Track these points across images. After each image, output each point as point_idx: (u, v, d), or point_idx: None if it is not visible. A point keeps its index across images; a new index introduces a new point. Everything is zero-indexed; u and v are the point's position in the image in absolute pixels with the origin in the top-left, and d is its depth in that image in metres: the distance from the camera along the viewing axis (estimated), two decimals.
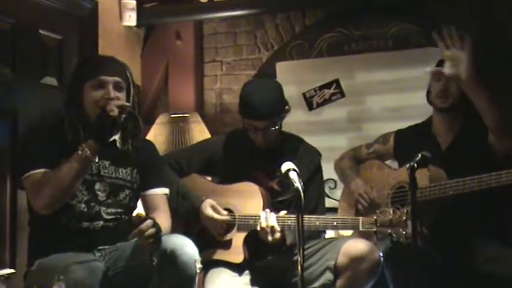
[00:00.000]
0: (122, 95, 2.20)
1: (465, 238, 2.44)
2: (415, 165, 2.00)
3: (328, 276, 2.31)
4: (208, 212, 2.43)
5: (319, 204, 2.52)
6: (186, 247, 2.03)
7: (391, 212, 2.20)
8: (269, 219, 2.32)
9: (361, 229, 2.29)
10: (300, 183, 1.90)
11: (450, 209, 2.44)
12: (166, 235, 2.10)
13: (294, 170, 1.97)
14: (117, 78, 2.19)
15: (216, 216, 2.43)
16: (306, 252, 2.19)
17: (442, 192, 2.41)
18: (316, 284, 2.32)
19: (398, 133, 2.76)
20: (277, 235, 2.31)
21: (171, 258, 1.99)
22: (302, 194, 1.86)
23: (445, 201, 2.43)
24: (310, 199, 2.45)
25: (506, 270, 2.33)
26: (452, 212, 2.44)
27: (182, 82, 3.88)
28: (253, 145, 2.54)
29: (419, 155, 2.04)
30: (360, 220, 2.27)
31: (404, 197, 2.55)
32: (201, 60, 3.93)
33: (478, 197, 2.37)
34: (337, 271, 2.31)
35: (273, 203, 2.47)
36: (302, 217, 1.83)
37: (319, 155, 2.60)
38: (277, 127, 2.46)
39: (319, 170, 2.58)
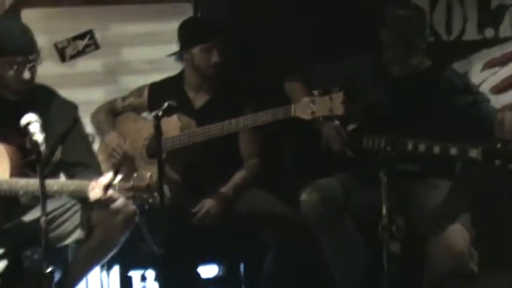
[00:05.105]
0: None
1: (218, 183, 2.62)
2: (160, 113, 2.06)
3: (79, 233, 2.30)
4: None
5: (90, 157, 2.46)
6: None
7: (148, 176, 2.12)
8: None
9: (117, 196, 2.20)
10: (42, 134, 1.81)
11: (201, 156, 2.59)
12: None
13: (37, 121, 1.86)
14: None
15: None
16: (56, 212, 2.21)
17: (191, 140, 2.53)
18: (68, 241, 2.30)
19: (152, 86, 2.83)
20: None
21: None
22: (42, 148, 1.78)
23: (196, 148, 2.56)
24: (78, 152, 2.40)
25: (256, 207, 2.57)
26: (204, 158, 2.59)
27: None
28: None
29: (165, 104, 2.11)
30: (117, 186, 2.15)
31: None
32: None
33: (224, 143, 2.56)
34: (90, 226, 2.30)
35: (25, 163, 2.30)
36: (43, 173, 1.76)
37: (76, 107, 2.52)
38: (40, 62, 2.34)
39: (78, 121, 2.50)
